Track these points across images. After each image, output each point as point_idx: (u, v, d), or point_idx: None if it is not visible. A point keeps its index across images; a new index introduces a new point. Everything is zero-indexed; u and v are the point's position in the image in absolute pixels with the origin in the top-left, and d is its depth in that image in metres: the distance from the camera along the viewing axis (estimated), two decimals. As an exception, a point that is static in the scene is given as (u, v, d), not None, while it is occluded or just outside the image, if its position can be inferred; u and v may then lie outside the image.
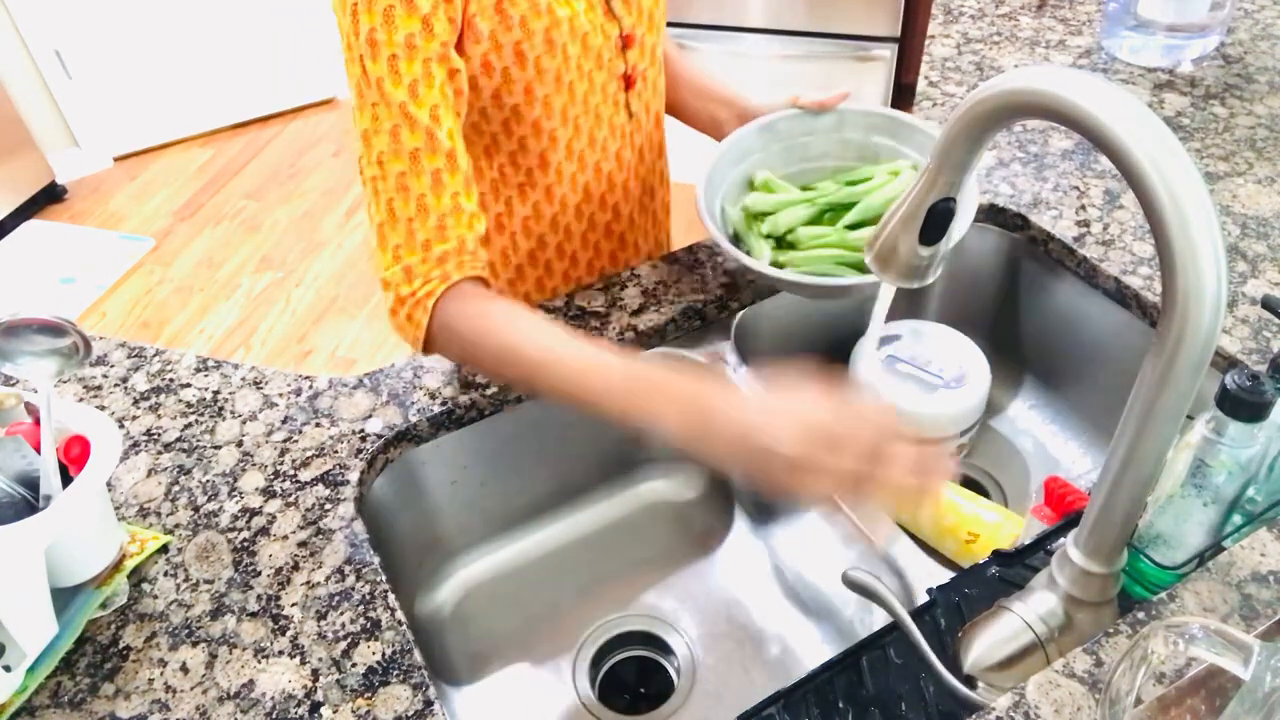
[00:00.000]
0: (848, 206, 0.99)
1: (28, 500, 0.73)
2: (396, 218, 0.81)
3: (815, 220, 1.00)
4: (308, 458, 0.89)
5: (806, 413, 0.66)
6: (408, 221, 0.81)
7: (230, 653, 0.74)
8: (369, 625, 0.75)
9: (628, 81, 0.99)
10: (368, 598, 0.77)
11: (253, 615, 0.76)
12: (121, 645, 0.75)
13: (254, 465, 0.88)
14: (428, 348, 0.84)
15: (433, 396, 0.94)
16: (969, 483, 1.08)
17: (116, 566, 0.79)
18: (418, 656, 0.73)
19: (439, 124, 0.81)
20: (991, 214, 1.14)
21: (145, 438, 0.92)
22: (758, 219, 1.01)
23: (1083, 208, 1.11)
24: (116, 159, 3.34)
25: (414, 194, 0.81)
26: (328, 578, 0.79)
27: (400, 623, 0.75)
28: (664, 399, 0.70)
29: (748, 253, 0.97)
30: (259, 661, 0.73)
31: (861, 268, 0.92)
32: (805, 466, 0.64)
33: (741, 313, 1.05)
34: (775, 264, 0.96)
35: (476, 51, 0.86)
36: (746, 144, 1.04)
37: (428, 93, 0.80)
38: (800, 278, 0.91)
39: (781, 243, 0.99)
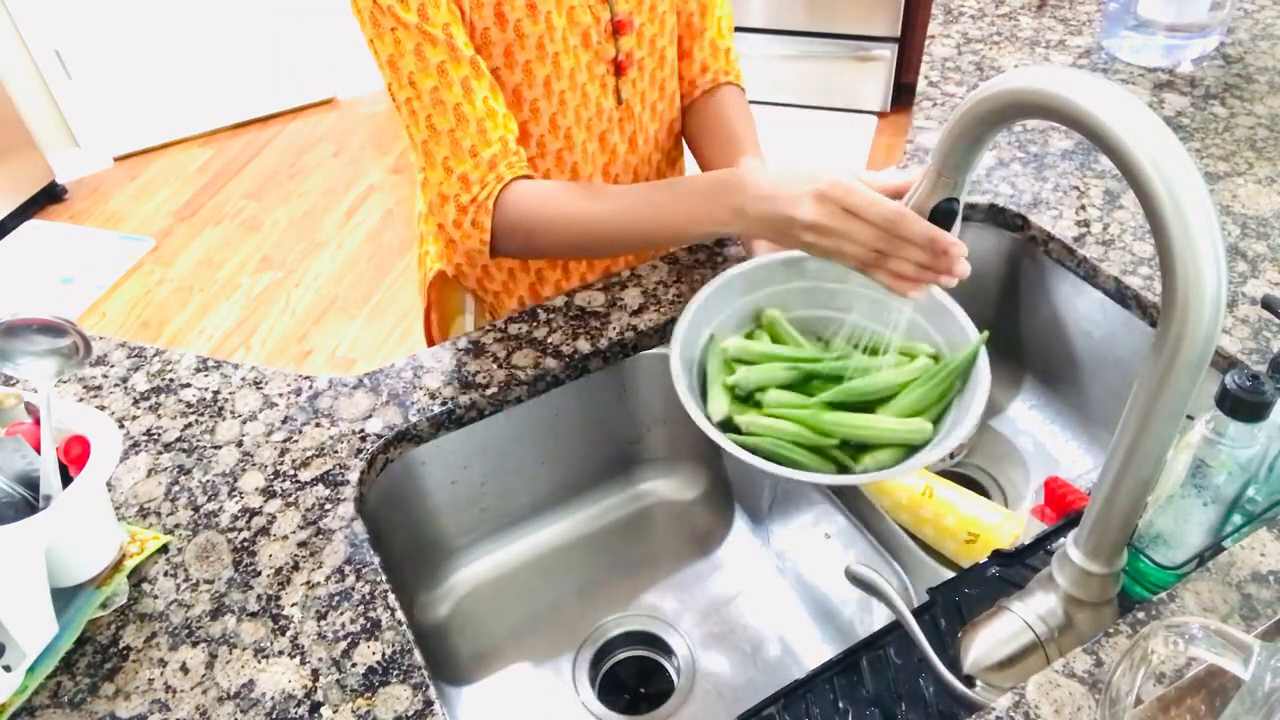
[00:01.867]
0: (836, 379, 0.84)
1: (28, 500, 0.72)
2: (438, 131, 0.87)
3: (794, 385, 0.85)
4: (308, 458, 0.89)
5: (820, 184, 0.73)
6: (449, 132, 0.87)
7: (230, 653, 0.74)
8: (369, 625, 0.75)
9: (618, 67, 0.98)
10: (368, 598, 0.77)
11: (253, 615, 0.76)
12: (121, 645, 0.75)
13: (254, 465, 0.88)
14: (493, 249, 0.92)
15: (433, 396, 0.94)
16: (969, 483, 1.08)
17: (116, 566, 0.79)
18: (418, 656, 0.73)
19: (454, 37, 0.86)
20: (991, 214, 1.14)
21: (145, 438, 0.92)
22: (728, 366, 0.87)
23: (1083, 208, 1.11)
24: (116, 159, 3.34)
25: (450, 105, 0.86)
26: (328, 578, 0.79)
27: (400, 623, 0.75)
28: (700, 198, 0.83)
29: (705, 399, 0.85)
30: (259, 661, 0.73)
31: (821, 454, 0.80)
32: (823, 230, 0.73)
33: (741, 313, 1.05)
34: (728, 421, 0.83)
35: (461, 7, 0.87)
36: (765, 274, 0.91)
37: (435, 13, 0.85)
38: (739, 453, 0.77)
39: (749, 398, 0.86)
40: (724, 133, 1.05)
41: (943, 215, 0.71)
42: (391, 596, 0.77)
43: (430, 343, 1.23)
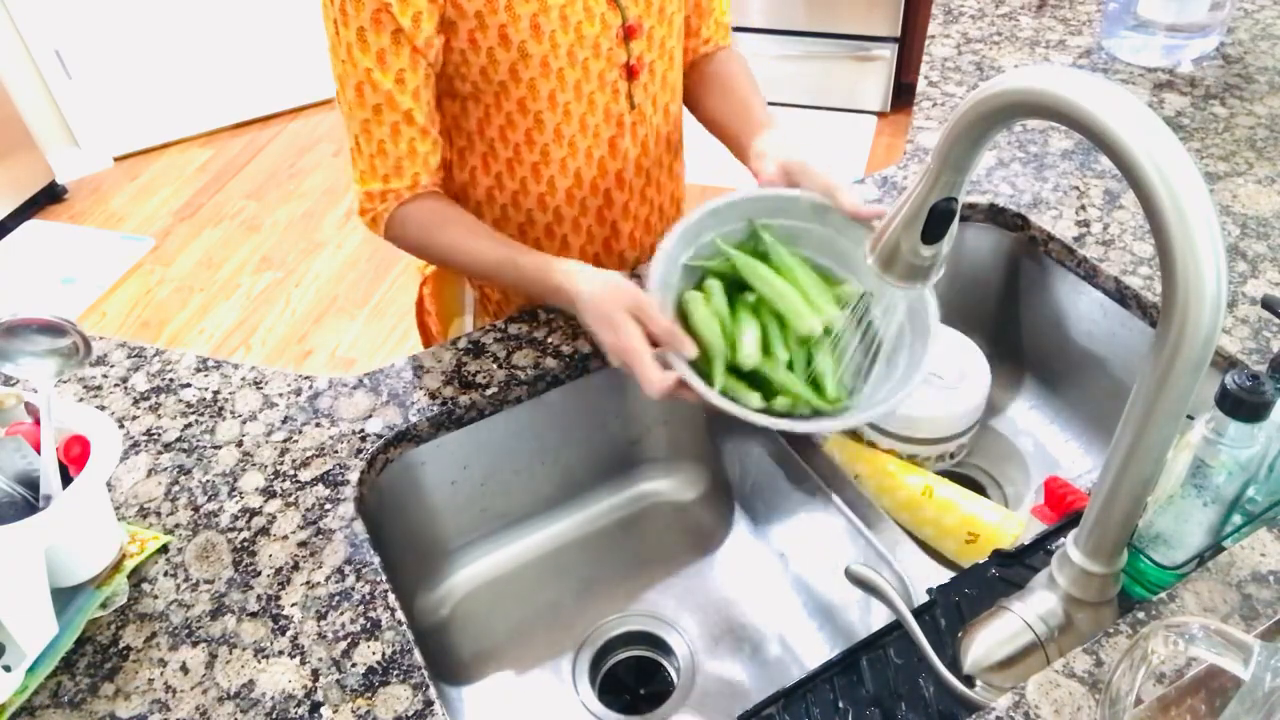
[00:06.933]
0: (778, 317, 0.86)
1: (28, 500, 0.73)
2: (361, 151, 0.95)
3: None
4: (308, 458, 0.89)
5: (606, 348, 0.86)
6: (370, 157, 0.94)
7: (230, 653, 0.74)
8: (369, 625, 0.75)
9: (630, 72, 0.99)
10: (368, 598, 0.77)
11: (253, 615, 0.76)
12: (121, 645, 0.75)
13: (254, 465, 0.88)
14: (387, 238, 1.01)
15: (433, 396, 0.94)
16: (969, 483, 1.08)
17: (116, 566, 0.79)
18: (418, 656, 0.73)
19: (403, 86, 0.90)
20: (991, 214, 1.14)
21: (145, 438, 0.92)
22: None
23: (1083, 208, 1.11)
24: (116, 159, 3.33)
25: (375, 138, 0.93)
26: (328, 578, 0.79)
27: (400, 623, 0.75)
28: (541, 290, 0.92)
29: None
30: (259, 661, 0.73)
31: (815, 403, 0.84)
32: (596, 333, 0.86)
33: (741, 313, 1.05)
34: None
35: (464, 28, 0.88)
36: (778, 204, 0.91)
37: (395, 59, 0.88)
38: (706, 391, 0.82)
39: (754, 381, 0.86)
40: (732, 91, 1.09)
41: (941, 215, 0.70)
42: (391, 596, 0.77)
43: (425, 340, 1.23)
